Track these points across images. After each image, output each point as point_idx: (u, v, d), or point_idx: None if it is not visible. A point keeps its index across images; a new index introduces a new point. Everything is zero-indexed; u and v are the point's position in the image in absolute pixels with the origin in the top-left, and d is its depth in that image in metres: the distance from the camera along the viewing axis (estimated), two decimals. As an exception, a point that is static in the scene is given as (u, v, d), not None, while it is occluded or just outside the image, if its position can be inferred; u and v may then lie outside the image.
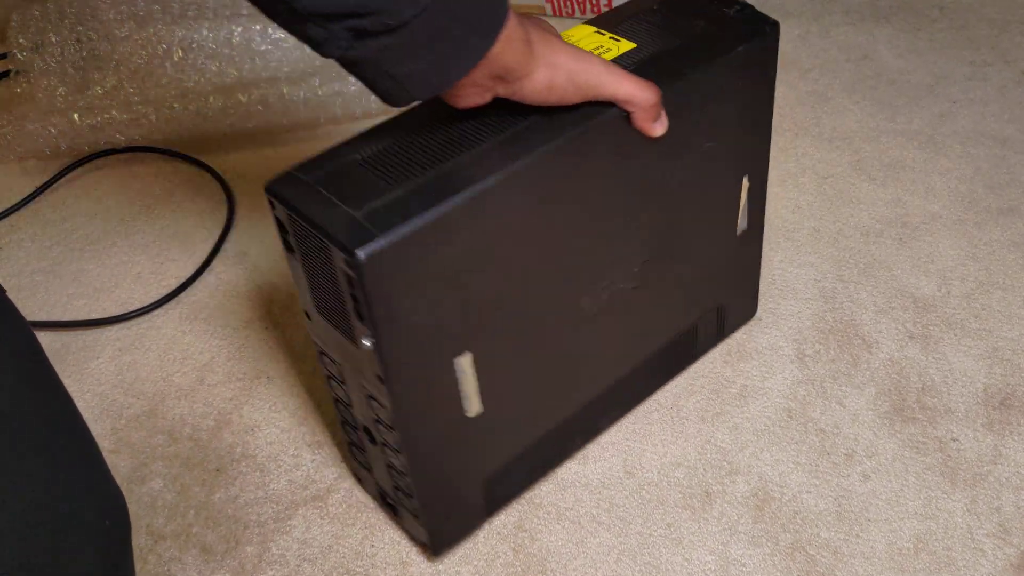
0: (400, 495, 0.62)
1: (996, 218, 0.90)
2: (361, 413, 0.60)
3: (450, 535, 0.65)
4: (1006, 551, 0.66)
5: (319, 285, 0.53)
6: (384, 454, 0.60)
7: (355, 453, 0.66)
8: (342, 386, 0.60)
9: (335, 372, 0.60)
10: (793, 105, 1.03)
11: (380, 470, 0.63)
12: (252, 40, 1.02)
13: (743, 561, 0.66)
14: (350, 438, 0.65)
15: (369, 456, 0.63)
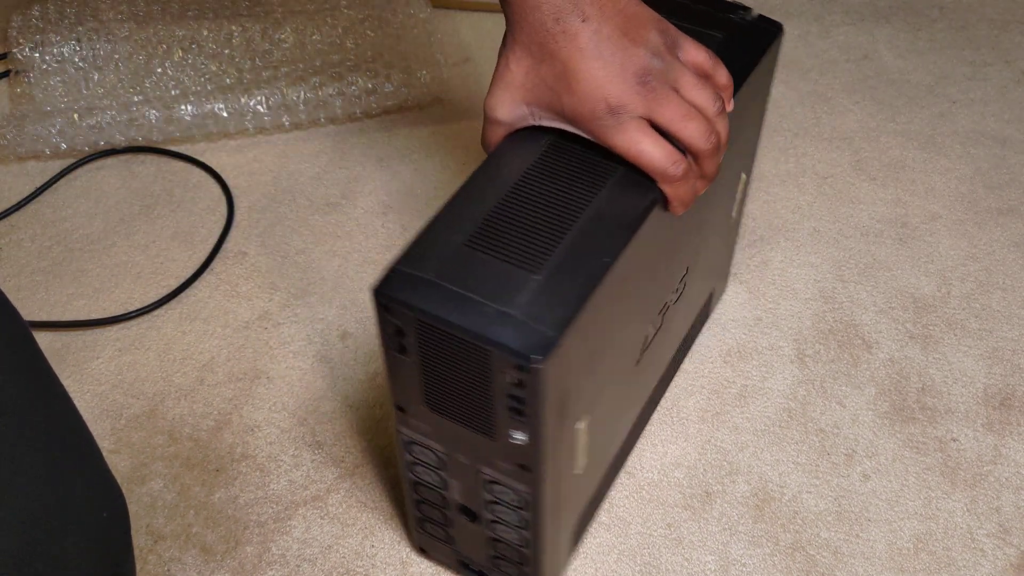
0: (504, 563, 0.61)
1: (996, 218, 0.90)
2: (465, 496, 0.57)
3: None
4: (1006, 551, 0.66)
5: (444, 385, 0.50)
6: (491, 530, 0.58)
7: (427, 528, 0.63)
8: (437, 472, 0.57)
9: (430, 460, 0.57)
10: (793, 105, 1.03)
11: (471, 543, 0.61)
12: (252, 40, 1.02)
13: (743, 561, 0.66)
14: (424, 515, 0.62)
15: (457, 532, 0.61)
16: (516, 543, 0.58)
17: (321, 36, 1.03)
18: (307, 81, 0.99)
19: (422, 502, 0.61)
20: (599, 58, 0.47)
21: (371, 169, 0.96)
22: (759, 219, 0.90)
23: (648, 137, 0.49)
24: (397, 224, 0.91)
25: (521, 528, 0.56)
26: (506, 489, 0.54)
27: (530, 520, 0.55)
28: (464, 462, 0.54)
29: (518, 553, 0.59)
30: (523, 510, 0.55)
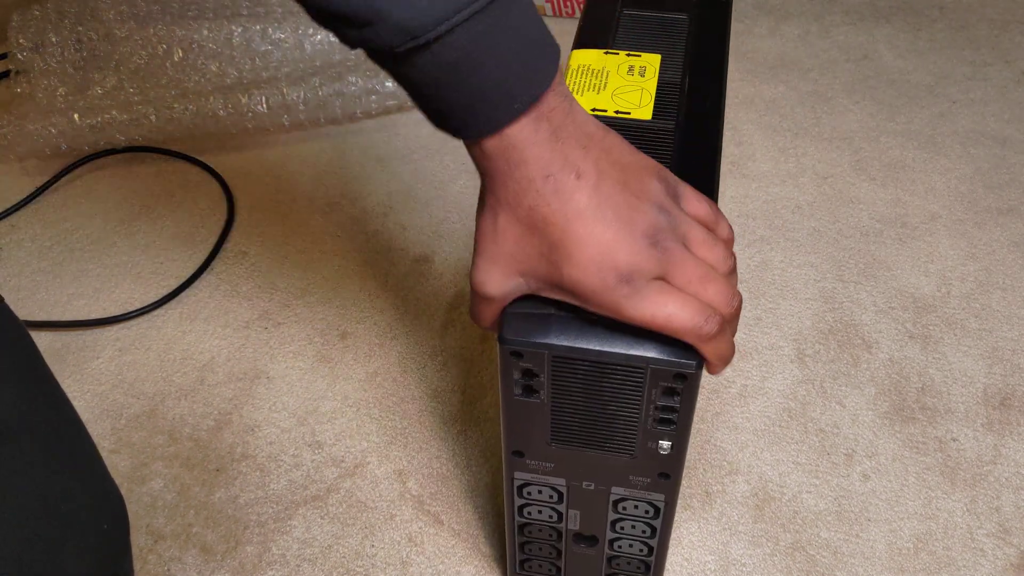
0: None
1: (996, 218, 0.90)
2: (586, 523, 0.57)
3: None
4: (1006, 551, 0.66)
5: (577, 417, 0.50)
6: (611, 549, 0.58)
7: (530, 567, 0.62)
8: (554, 508, 0.57)
9: (547, 498, 0.56)
10: (793, 105, 1.03)
11: (583, 570, 0.61)
12: (252, 40, 1.02)
13: (743, 561, 0.66)
14: (530, 555, 0.61)
15: (569, 561, 0.61)
16: (640, 556, 0.58)
17: (321, 36, 1.03)
18: (307, 81, 0.99)
19: (529, 542, 0.60)
20: (601, 220, 0.41)
21: (371, 169, 0.96)
22: (759, 219, 0.90)
23: (673, 298, 0.43)
24: (397, 224, 0.91)
25: (647, 539, 0.56)
26: (638, 503, 0.54)
27: (659, 527, 0.55)
28: (590, 488, 0.54)
29: (641, 564, 0.59)
30: (654, 519, 0.55)
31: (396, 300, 0.84)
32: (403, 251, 0.88)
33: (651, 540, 0.57)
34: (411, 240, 0.89)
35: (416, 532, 0.68)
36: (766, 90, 1.05)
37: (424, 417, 0.75)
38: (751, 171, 0.95)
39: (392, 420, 0.75)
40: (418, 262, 0.87)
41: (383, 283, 0.86)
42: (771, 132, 1.00)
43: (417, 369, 0.79)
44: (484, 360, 0.79)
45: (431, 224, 0.91)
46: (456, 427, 0.75)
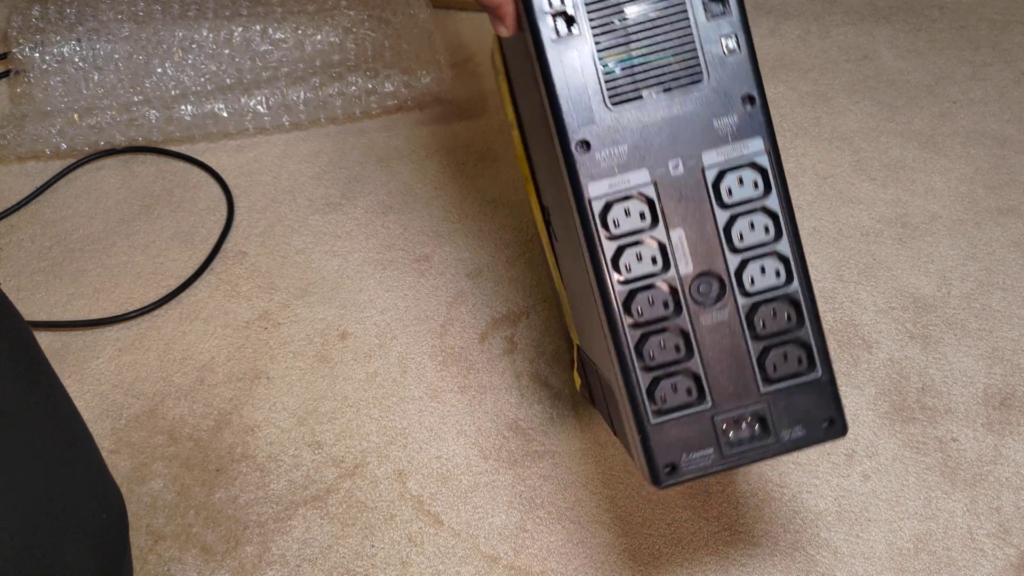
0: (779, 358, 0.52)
1: (996, 218, 0.90)
2: (698, 251, 0.50)
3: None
4: (1006, 551, 0.66)
5: (621, 40, 0.47)
6: (742, 293, 0.50)
7: (666, 389, 0.52)
8: (654, 235, 0.49)
9: (637, 219, 0.49)
10: (793, 105, 1.03)
11: (731, 357, 0.52)
12: (252, 40, 1.02)
13: (743, 561, 0.66)
14: (656, 361, 0.51)
15: (710, 350, 0.51)
16: (782, 290, 0.50)
17: (321, 36, 1.03)
18: (307, 81, 0.99)
19: (643, 338, 0.50)
20: None
21: (371, 169, 0.96)
22: (759, 219, 0.90)
23: None
24: (397, 224, 0.91)
25: (777, 243, 0.49)
26: (742, 171, 0.48)
27: (779, 203, 0.49)
28: (679, 174, 0.48)
29: (790, 306, 0.50)
30: (767, 194, 0.49)
31: (396, 300, 0.84)
32: (403, 251, 0.88)
33: (779, 243, 0.49)
34: (411, 240, 0.89)
35: (416, 532, 0.68)
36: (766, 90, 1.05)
37: (424, 417, 0.75)
38: (751, 171, 0.95)
39: (392, 420, 0.75)
40: (418, 262, 0.87)
41: (383, 283, 0.86)
42: (771, 132, 1.00)
43: (417, 369, 0.79)
44: (484, 360, 0.79)
45: (431, 224, 0.91)
46: (456, 427, 0.75)
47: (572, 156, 0.47)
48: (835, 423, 0.50)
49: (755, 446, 0.50)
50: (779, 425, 0.50)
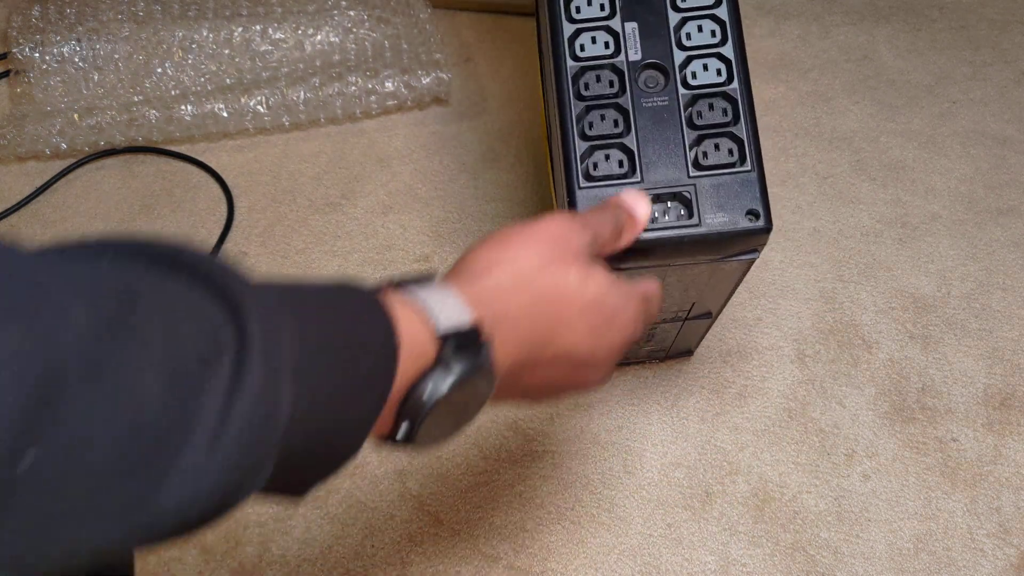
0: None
1: (996, 218, 0.89)
2: (649, 42, 0.54)
3: None
4: (1006, 551, 0.66)
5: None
6: (684, 85, 0.54)
7: (600, 160, 0.55)
8: (609, 23, 0.54)
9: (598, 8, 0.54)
10: (793, 105, 1.03)
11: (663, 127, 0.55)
12: (252, 40, 1.02)
13: (743, 561, 0.66)
14: (596, 134, 0.55)
15: (644, 125, 0.55)
16: (720, 86, 0.54)
17: (321, 36, 1.03)
18: (307, 81, 0.99)
19: (588, 110, 0.54)
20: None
21: (371, 169, 0.96)
22: (759, 219, 0.90)
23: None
24: (397, 224, 0.91)
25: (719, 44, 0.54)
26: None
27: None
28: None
29: (724, 98, 0.54)
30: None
31: (396, 300, 0.84)
32: (403, 251, 0.88)
33: (724, 47, 0.54)
34: (411, 240, 0.89)
35: (416, 532, 0.68)
36: (766, 90, 1.05)
37: (424, 417, 0.75)
38: (751, 171, 0.95)
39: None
40: (418, 262, 0.87)
41: (383, 283, 0.86)
42: (771, 132, 1.00)
43: (417, 369, 0.79)
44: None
45: (431, 224, 0.91)
46: (456, 427, 0.75)
47: None
48: (759, 215, 0.52)
49: (678, 224, 0.52)
50: (703, 208, 0.52)
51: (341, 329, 0.33)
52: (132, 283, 0.25)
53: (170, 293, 0.26)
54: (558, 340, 0.42)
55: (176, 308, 0.26)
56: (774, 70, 1.08)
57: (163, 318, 0.25)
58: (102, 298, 0.24)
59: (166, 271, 0.27)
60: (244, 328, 0.27)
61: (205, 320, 0.27)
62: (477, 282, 0.40)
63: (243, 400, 0.26)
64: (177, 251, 0.28)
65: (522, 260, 0.41)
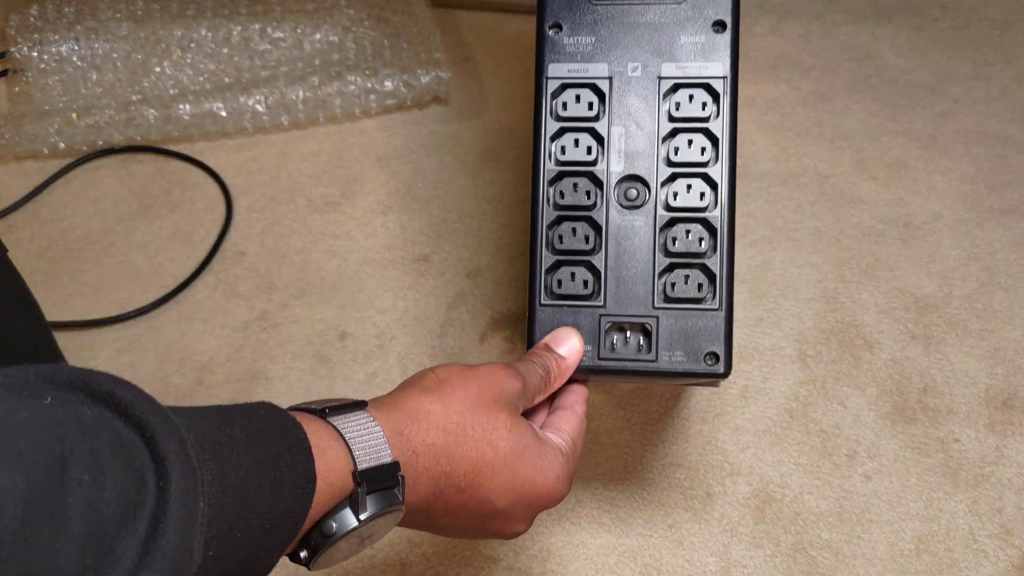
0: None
1: (998, 218, 0.89)
2: (633, 156, 0.51)
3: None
4: (1008, 552, 0.66)
5: None
6: (665, 208, 0.51)
7: (566, 277, 0.53)
8: (594, 125, 0.51)
9: (585, 108, 0.51)
10: (794, 104, 1.03)
11: (634, 260, 0.53)
12: (251, 39, 1.02)
13: (744, 562, 0.66)
14: (566, 248, 0.52)
15: (616, 251, 0.52)
16: (701, 211, 0.50)
17: (320, 35, 1.03)
18: (306, 80, 0.98)
19: (560, 219, 0.51)
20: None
21: (370, 169, 0.96)
22: (760, 219, 0.90)
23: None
24: (396, 224, 0.91)
25: (708, 166, 0.50)
26: (694, 90, 0.49)
27: (723, 131, 0.50)
28: (636, 75, 0.50)
29: (706, 232, 0.50)
30: (714, 119, 0.49)
31: (395, 300, 0.84)
32: (403, 251, 0.88)
33: (712, 168, 0.50)
34: (411, 240, 0.89)
35: (416, 532, 0.68)
36: (767, 89, 1.05)
37: (423, 418, 0.75)
38: (752, 171, 0.95)
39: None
40: (418, 262, 0.87)
41: (382, 283, 0.85)
42: (772, 131, 0.99)
43: (416, 370, 0.78)
44: (484, 360, 0.79)
45: (431, 224, 0.90)
46: (456, 428, 0.74)
47: (544, 34, 0.50)
48: (718, 359, 0.50)
49: (633, 358, 0.50)
50: (662, 344, 0.50)
51: (261, 470, 0.34)
52: (66, 435, 0.27)
53: (100, 442, 0.28)
54: (476, 488, 0.43)
55: (103, 460, 0.28)
56: (775, 69, 1.08)
57: (91, 476, 0.27)
58: (36, 464, 0.26)
59: (101, 409, 0.30)
60: (166, 483, 0.29)
61: (131, 472, 0.29)
62: (406, 416, 0.41)
63: (155, 559, 0.28)
64: (112, 390, 0.30)
65: (455, 402, 0.43)
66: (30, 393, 0.29)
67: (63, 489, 0.27)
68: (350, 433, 0.38)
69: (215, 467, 0.32)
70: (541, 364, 0.49)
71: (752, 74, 1.07)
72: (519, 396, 0.46)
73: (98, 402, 0.30)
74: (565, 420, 0.50)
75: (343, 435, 0.38)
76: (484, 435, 0.43)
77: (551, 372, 0.49)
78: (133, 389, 0.31)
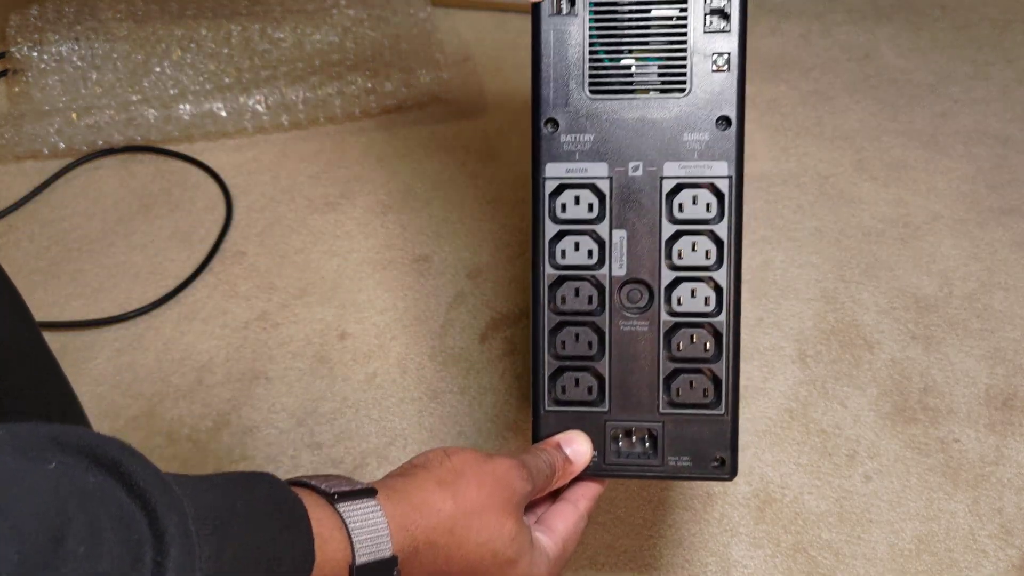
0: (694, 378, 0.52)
1: (998, 218, 0.89)
2: (636, 259, 0.49)
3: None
4: (1008, 552, 0.66)
5: (615, 36, 0.48)
6: (669, 310, 0.50)
7: (570, 384, 0.52)
8: (595, 228, 0.49)
9: (585, 210, 0.49)
10: (795, 104, 1.03)
11: (637, 370, 0.51)
12: (251, 39, 1.02)
13: (744, 563, 0.66)
14: (569, 354, 0.51)
15: (620, 359, 0.51)
16: (707, 316, 0.49)
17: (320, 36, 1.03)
18: (306, 80, 0.98)
19: (562, 324, 0.50)
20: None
21: (370, 169, 0.96)
22: (761, 219, 0.90)
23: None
24: (396, 224, 0.91)
25: (714, 268, 0.48)
26: (698, 191, 0.47)
27: (729, 234, 0.48)
28: (637, 175, 0.48)
29: (711, 332, 0.49)
30: (718, 220, 0.48)
31: (395, 300, 0.84)
32: (403, 251, 0.88)
33: (717, 272, 0.48)
34: (411, 240, 0.89)
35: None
36: (767, 89, 1.05)
37: (424, 418, 0.75)
38: (753, 170, 0.95)
39: (391, 421, 0.75)
40: (418, 262, 0.87)
41: (382, 283, 0.85)
42: (772, 131, 0.99)
43: (416, 370, 0.78)
44: (484, 361, 0.79)
45: (431, 224, 0.90)
46: (456, 428, 0.74)
47: (539, 132, 0.48)
48: (725, 464, 0.49)
49: (639, 463, 0.50)
50: (668, 449, 0.50)
51: (260, 546, 0.34)
52: (66, 504, 0.27)
53: (100, 513, 0.28)
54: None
55: (101, 532, 0.28)
56: (775, 69, 1.08)
57: (87, 548, 0.27)
58: (32, 535, 0.26)
59: (105, 477, 0.29)
60: (164, 559, 0.29)
61: (129, 545, 0.29)
62: (415, 511, 0.41)
63: None
64: (119, 459, 0.30)
65: (467, 500, 0.42)
66: (37, 454, 0.29)
67: (57, 561, 0.26)
68: (354, 523, 0.38)
69: (215, 542, 0.32)
70: (548, 463, 0.49)
71: (752, 74, 1.07)
72: (527, 497, 0.46)
73: (103, 470, 0.30)
74: (562, 516, 0.49)
75: (347, 524, 0.38)
76: (487, 541, 0.43)
77: (556, 472, 0.49)
78: (139, 458, 0.31)
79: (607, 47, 0.47)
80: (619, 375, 0.50)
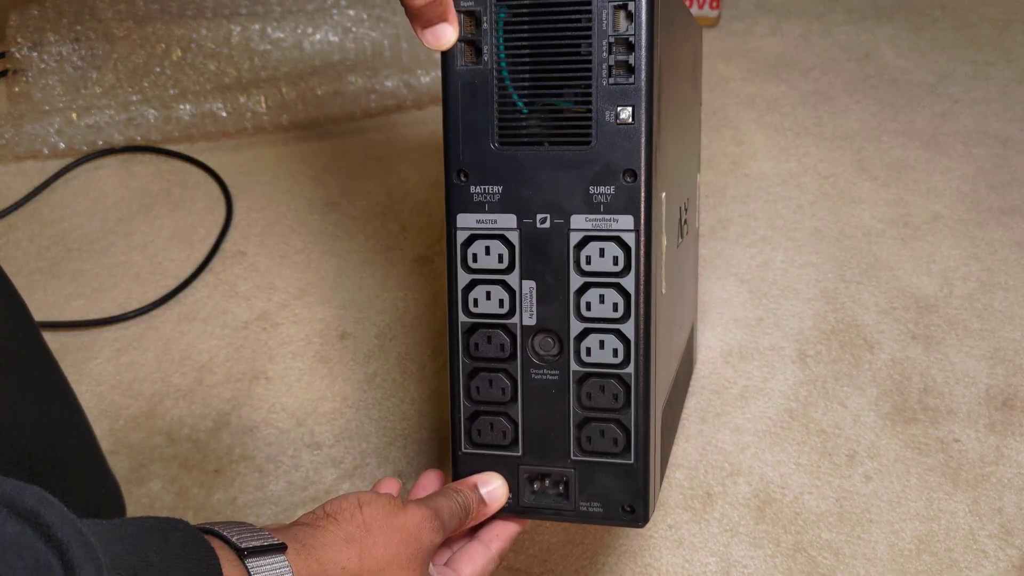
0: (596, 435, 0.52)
1: (998, 218, 0.89)
2: (547, 310, 0.50)
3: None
4: (1008, 552, 0.66)
5: (524, 83, 0.48)
6: (578, 362, 0.50)
7: (486, 427, 0.53)
8: (506, 277, 0.50)
9: (496, 260, 0.50)
10: (795, 104, 1.03)
11: (550, 416, 0.52)
12: (251, 40, 1.02)
13: (744, 563, 0.66)
14: (484, 396, 0.52)
15: (531, 404, 0.52)
16: (615, 369, 0.49)
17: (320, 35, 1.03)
18: (306, 81, 0.98)
19: (477, 370, 0.51)
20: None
21: (370, 169, 0.96)
22: (760, 219, 0.90)
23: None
24: (396, 224, 0.91)
25: (620, 322, 0.48)
26: (605, 243, 0.47)
27: (635, 303, 0.48)
28: (545, 227, 0.48)
29: (619, 386, 0.49)
30: (624, 273, 0.48)
31: (396, 300, 0.84)
32: (402, 251, 0.88)
33: (625, 324, 0.48)
34: (410, 240, 0.89)
35: (415, 534, 0.68)
36: (767, 89, 1.05)
37: (424, 418, 0.75)
38: (752, 170, 0.95)
39: (392, 421, 0.75)
40: (418, 262, 0.87)
41: (382, 283, 0.85)
42: (772, 131, 0.99)
43: (417, 370, 0.78)
44: (484, 360, 0.79)
45: (431, 224, 0.90)
46: (456, 428, 0.74)
47: (450, 182, 0.48)
48: (635, 511, 0.50)
49: (551, 506, 0.51)
50: (580, 495, 0.50)
51: None
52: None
53: (16, 564, 0.29)
54: None
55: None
56: (775, 69, 1.08)
57: None
58: None
59: (23, 527, 0.30)
60: None
61: None
62: (322, 569, 0.42)
63: None
64: (37, 509, 0.31)
65: (372, 559, 0.44)
66: None
67: None
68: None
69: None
70: (462, 505, 0.50)
71: (752, 74, 1.07)
72: (436, 547, 0.47)
73: (21, 519, 0.30)
74: (471, 559, 0.50)
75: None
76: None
77: (471, 514, 0.50)
78: (57, 508, 0.31)
79: (514, 97, 0.47)
80: (532, 421, 0.50)
